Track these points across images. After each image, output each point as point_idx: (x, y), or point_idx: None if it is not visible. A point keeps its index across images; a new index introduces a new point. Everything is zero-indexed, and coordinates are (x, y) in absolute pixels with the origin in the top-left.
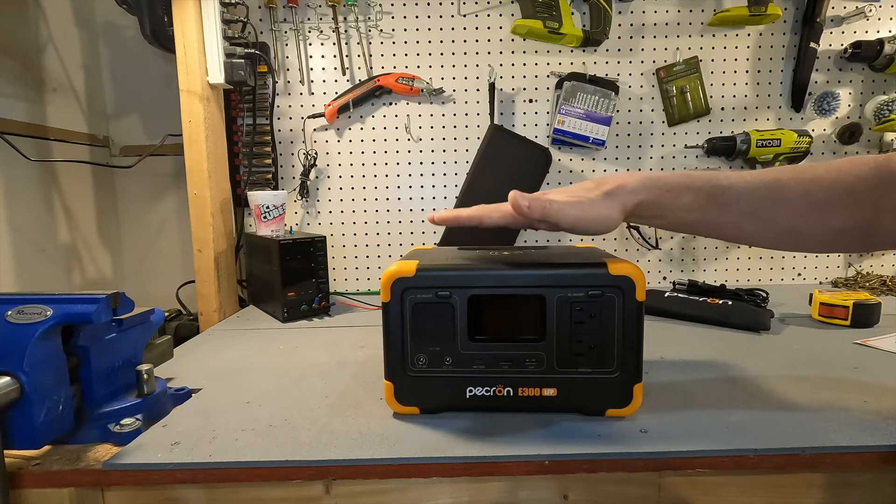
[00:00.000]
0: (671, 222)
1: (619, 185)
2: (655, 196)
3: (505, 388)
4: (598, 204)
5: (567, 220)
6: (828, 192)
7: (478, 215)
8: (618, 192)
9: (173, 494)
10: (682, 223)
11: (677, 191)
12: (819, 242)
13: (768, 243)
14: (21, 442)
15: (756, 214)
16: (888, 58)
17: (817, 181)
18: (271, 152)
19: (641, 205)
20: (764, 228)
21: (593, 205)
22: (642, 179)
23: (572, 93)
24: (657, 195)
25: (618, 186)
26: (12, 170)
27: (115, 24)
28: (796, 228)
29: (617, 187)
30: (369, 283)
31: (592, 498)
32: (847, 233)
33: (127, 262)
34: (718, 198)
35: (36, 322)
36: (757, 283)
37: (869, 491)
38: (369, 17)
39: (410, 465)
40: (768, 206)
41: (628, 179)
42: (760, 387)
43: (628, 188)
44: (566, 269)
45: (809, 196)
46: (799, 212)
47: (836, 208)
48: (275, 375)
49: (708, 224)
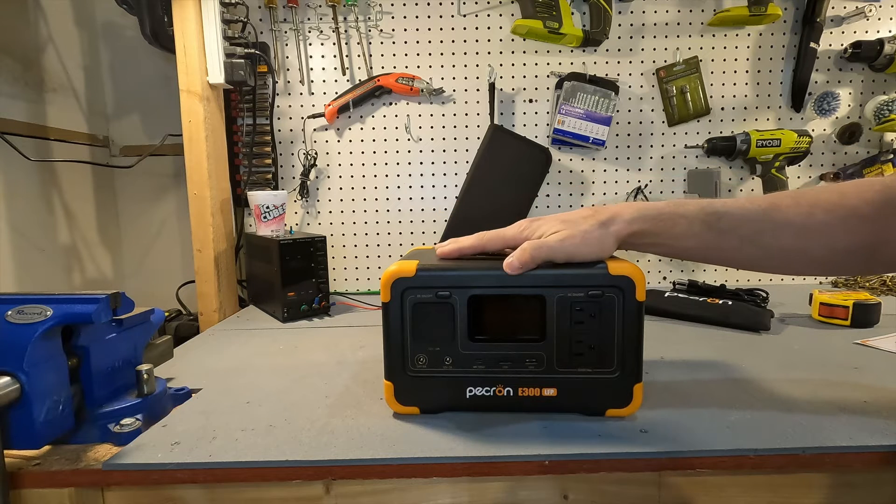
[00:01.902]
0: (669, 250)
1: (614, 215)
2: (650, 225)
3: (505, 388)
4: (592, 234)
5: (562, 257)
6: (829, 214)
7: (480, 245)
8: (612, 221)
9: (173, 494)
10: (681, 250)
11: (671, 219)
12: (821, 265)
13: (770, 268)
14: (21, 442)
15: (755, 240)
16: (888, 58)
17: (818, 204)
18: (271, 152)
19: (636, 234)
20: (764, 253)
21: (587, 236)
22: (636, 209)
23: (572, 93)
24: (651, 224)
25: (612, 216)
26: (12, 170)
27: (115, 24)
28: (799, 251)
29: (611, 217)
30: (369, 283)
31: (592, 498)
32: (850, 254)
33: (127, 262)
34: (714, 224)
35: (36, 322)
36: (757, 283)
37: (869, 491)
38: (369, 17)
39: (410, 465)
40: (768, 230)
41: (622, 209)
42: (760, 387)
43: (624, 217)
44: (566, 268)
45: (811, 219)
46: (800, 236)
47: (838, 230)
48: (275, 375)
49: (707, 250)
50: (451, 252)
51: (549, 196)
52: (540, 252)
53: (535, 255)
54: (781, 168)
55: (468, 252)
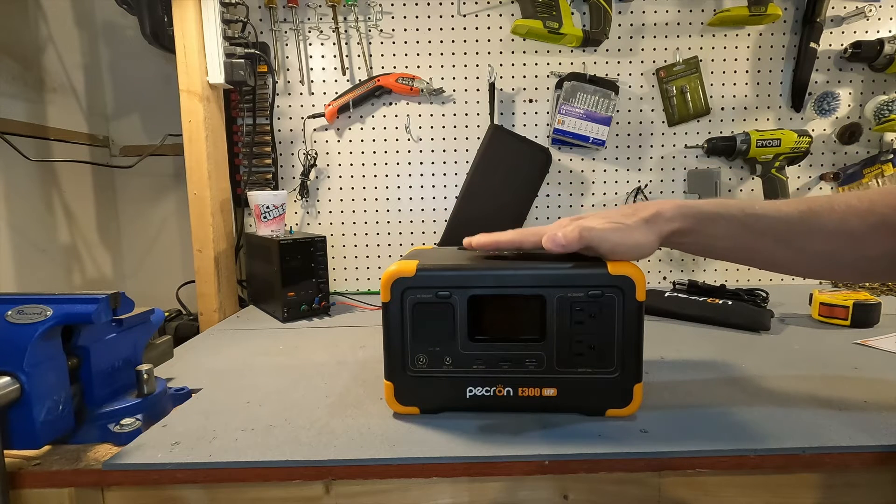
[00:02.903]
0: (705, 248)
1: (657, 213)
2: (691, 224)
3: (505, 388)
4: (637, 231)
5: (607, 246)
6: (861, 220)
7: (519, 240)
8: (655, 218)
9: (173, 494)
10: (716, 250)
11: (712, 219)
12: (853, 271)
13: (802, 271)
14: (21, 442)
15: (789, 242)
16: (888, 58)
17: (851, 210)
18: (271, 152)
19: (677, 232)
20: (797, 256)
21: (632, 231)
22: (679, 207)
23: (572, 93)
24: (693, 223)
25: (656, 213)
26: (12, 170)
27: (115, 24)
28: (830, 256)
29: (654, 214)
30: (369, 283)
31: (592, 498)
32: (880, 260)
33: (127, 262)
34: (752, 226)
35: (36, 322)
36: (757, 283)
37: (869, 491)
38: (369, 17)
39: (410, 465)
40: (802, 233)
41: (665, 206)
42: (760, 387)
43: (666, 216)
44: (566, 269)
45: (843, 224)
46: (832, 240)
47: (869, 237)
48: (275, 375)
49: (742, 251)
50: (487, 244)
51: (549, 196)
52: (589, 234)
53: (584, 235)
54: (781, 168)
55: (505, 246)
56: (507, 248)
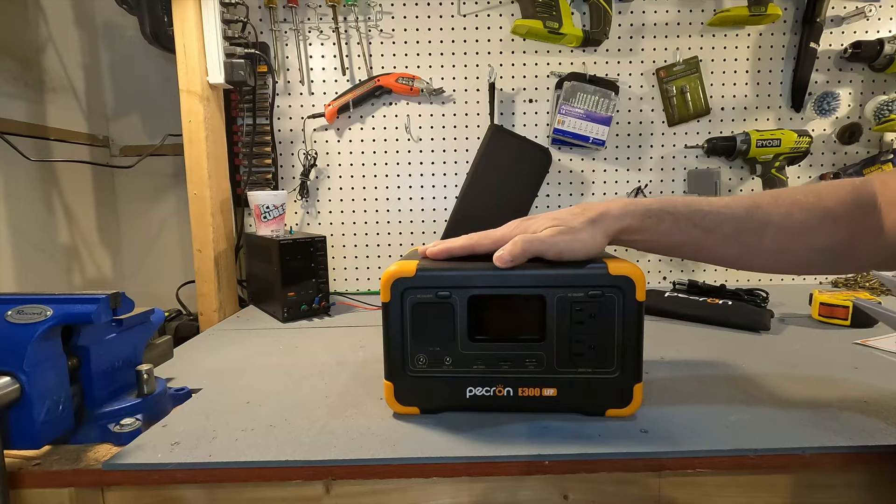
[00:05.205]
0: (655, 245)
1: (603, 212)
2: (638, 221)
3: (505, 388)
4: (583, 231)
5: (554, 252)
6: (807, 214)
7: (471, 245)
8: (602, 218)
9: (173, 494)
10: (666, 246)
11: (658, 216)
12: (802, 263)
13: (751, 266)
14: (21, 442)
15: (738, 238)
16: (888, 58)
17: (796, 204)
18: (271, 152)
19: (625, 230)
20: (747, 251)
21: (578, 233)
22: (626, 205)
23: (572, 93)
24: (640, 221)
25: (602, 213)
26: (12, 170)
27: (115, 24)
28: (779, 250)
29: (601, 214)
30: (369, 283)
31: (592, 498)
32: (828, 253)
33: (127, 262)
34: (699, 222)
35: (36, 322)
36: (757, 283)
37: (869, 491)
38: (369, 17)
39: (410, 465)
40: (750, 229)
41: (612, 206)
42: (760, 387)
43: (612, 214)
44: (566, 268)
45: (789, 218)
46: (780, 235)
47: (815, 230)
48: (275, 375)
49: (691, 247)
50: (439, 253)
51: (549, 196)
52: (531, 245)
53: (527, 248)
54: (781, 168)
55: (458, 253)
56: (461, 255)
